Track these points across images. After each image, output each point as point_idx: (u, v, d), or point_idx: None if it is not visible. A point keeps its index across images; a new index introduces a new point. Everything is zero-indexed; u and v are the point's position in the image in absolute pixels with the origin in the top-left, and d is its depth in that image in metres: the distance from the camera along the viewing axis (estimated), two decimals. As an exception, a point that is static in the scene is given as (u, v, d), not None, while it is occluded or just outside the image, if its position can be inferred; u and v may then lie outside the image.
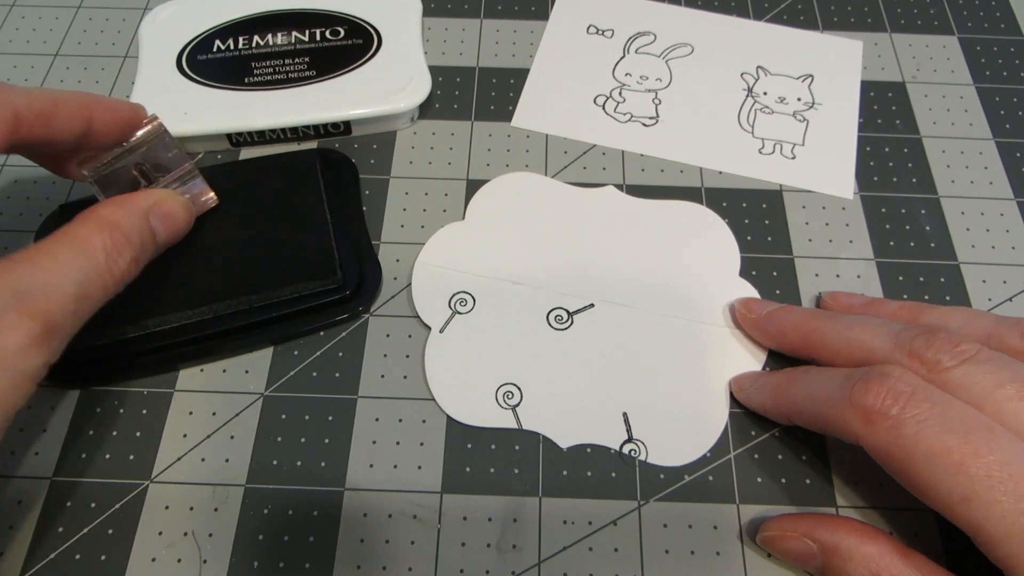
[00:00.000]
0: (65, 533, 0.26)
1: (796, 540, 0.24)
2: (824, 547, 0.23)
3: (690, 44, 0.38)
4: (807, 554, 0.24)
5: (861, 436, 0.22)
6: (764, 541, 0.25)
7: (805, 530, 0.24)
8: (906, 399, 0.21)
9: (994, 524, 0.20)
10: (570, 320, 0.30)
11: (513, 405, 0.28)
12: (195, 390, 0.28)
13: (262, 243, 0.29)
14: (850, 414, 0.22)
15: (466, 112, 0.36)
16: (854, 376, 0.23)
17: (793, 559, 0.24)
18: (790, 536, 0.24)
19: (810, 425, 0.25)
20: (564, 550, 0.26)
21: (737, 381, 0.28)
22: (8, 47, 0.38)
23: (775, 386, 0.26)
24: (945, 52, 0.38)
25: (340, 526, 0.26)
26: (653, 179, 0.34)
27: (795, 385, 0.25)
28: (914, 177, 0.34)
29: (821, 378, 0.24)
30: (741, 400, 0.28)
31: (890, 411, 0.21)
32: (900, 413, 0.21)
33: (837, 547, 0.23)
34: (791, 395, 0.25)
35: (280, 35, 0.36)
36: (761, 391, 0.27)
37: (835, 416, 0.23)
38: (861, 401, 0.22)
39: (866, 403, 0.22)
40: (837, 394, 0.23)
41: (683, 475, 0.27)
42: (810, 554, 0.24)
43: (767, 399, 0.27)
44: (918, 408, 0.21)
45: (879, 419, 0.21)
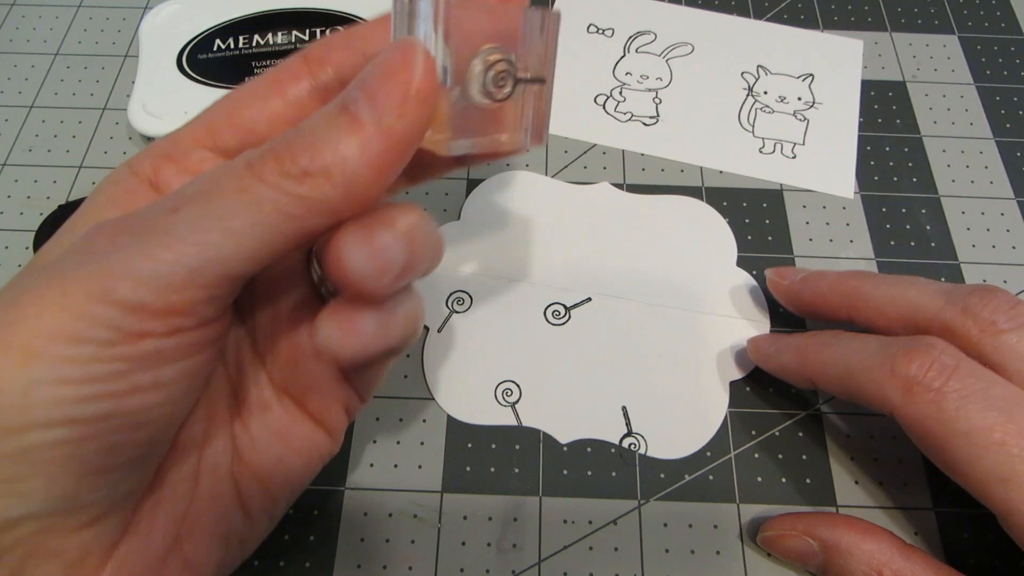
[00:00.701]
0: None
1: (796, 539, 0.24)
2: (824, 545, 0.23)
3: (690, 43, 0.38)
4: (808, 553, 0.24)
5: (898, 407, 0.21)
6: (764, 541, 0.25)
7: (805, 528, 0.24)
8: (950, 372, 0.21)
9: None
10: (567, 315, 0.30)
11: (512, 402, 0.28)
12: (195, 389, 0.28)
13: None
14: (889, 382, 0.21)
15: (466, 111, 0.36)
16: (895, 344, 0.22)
17: (794, 558, 0.24)
18: (790, 535, 0.24)
19: (836, 390, 0.24)
20: (564, 549, 0.26)
21: (755, 341, 0.27)
22: (8, 46, 0.38)
23: (800, 347, 0.25)
24: (945, 51, 0.38)
25: (340, 525, 0.26)
26: (653, 178, 0.34)
27: (825, 348, 0.24)
28: (914, 176, 0.34)
29: (856, 343, 0.23)
30: (758, 360, 0.27)
31: (933, 383, 0.20)
32: (943, 386, 0.20)
33: (837, 544, 0.23)
34: (820, 358, 0.24)
35: (280, 34, 0.36)
36: (783, 351, 0.26)
37: (871, 383, 0.22)
38: (904, 370, 0.21)
39: (908, 372, 0.21)
40: (876, 360, 0.22)
41: (683, 474, 0.27)
42: (811, 552, 0.23)
43: (790, 360, 0.25)
44: (962, 383, 0.20)
45: (921, 390, 0.21)
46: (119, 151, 0.34)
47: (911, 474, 0.27)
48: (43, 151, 0.34)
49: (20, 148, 0.34)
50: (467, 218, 0.32)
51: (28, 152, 0.34)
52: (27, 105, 0.36)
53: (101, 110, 0.36)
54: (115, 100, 0.36)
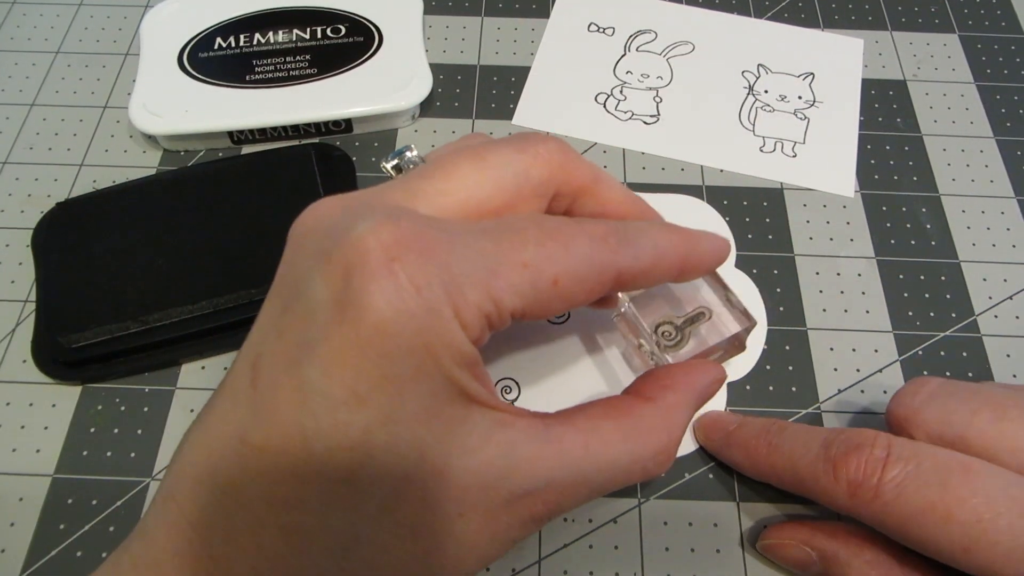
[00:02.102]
0: (66, 530, 0.26)
1: (795, 548, 0.24)
2: (823, 555, 0.23)
3: (691, 42, 0.38)
4: (807, 562, 0.24)
5: (850, 509, 0.22)
6: (764, 549, 0.25)
7: (804, 538, 0.24)
8: (882, 464, 0.21)
9: (1002, 565, 0.19)
10: (567, 313, 0.30)
11: (511, 400, 0.28)
12: (196, 387, 0.28)
13: (261, 237, 0.30)
14: (835, 489, 0.22)
15: (467, 110, 0.36)
16: (834, 446, 0.22)
17: (793, 566, 0.24)
18: (788, 544, 0.24)
19: (791, 490, 0.24)
20: (564, 548, 0.26)
21: (704, 429, 0.27)
22: (9, 44, 0.38)
23: (749, 448, 0.25)
24: (946, 50, 0.38)
25: (341, 523, 0.26)
26: (654, 177, 0.34)
27: (772, 452, 0.24)
28: (915, 175, 0.34)
29: (799, 445, 0.24)
30: (709, 450, 0.27)
31: (871, 481, 0.21)
32: (880, 480, 0.21)
33: (836, 554, 0.23)
34: (769, 462, 0.24)
35: (281, 33, 0.36)
36: (733, 449, 0.26)
37: (819, 492, 0.22)
38: (844, 475, 0.22)
39: (848, 476, 0.21)
40: (819, 467, 0.22)
41: (683, 473, 0.27)
42: (809, 561, 0.23)
43: (741, 459, 0.25)
44: (895, 470, 0.21)
45: (863, 492, 0.21)
46: (120, 149, 0.34)
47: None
48: (44, 149, 0.34)
49: (21, 146, 0.34)
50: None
51: (29, 150, 0.34)
52: (28, 103, 0.36)
53: (102, 108, 0.36)
54: (116, 98, 0.36)
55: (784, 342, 0.30)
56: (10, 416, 0.28)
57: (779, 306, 0.30)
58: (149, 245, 0.29)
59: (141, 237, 0.29)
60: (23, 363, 0.29)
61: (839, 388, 0.29)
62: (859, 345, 0.30)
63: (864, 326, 0.30)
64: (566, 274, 0.18)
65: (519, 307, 0.18)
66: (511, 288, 0.17)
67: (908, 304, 0.31)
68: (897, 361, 0.29)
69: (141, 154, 0.34)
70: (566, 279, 0.18)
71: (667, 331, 0.26)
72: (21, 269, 0.31)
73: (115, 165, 0.34)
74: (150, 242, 0.29)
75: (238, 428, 0.17)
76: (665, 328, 0.26)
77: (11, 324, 0.30)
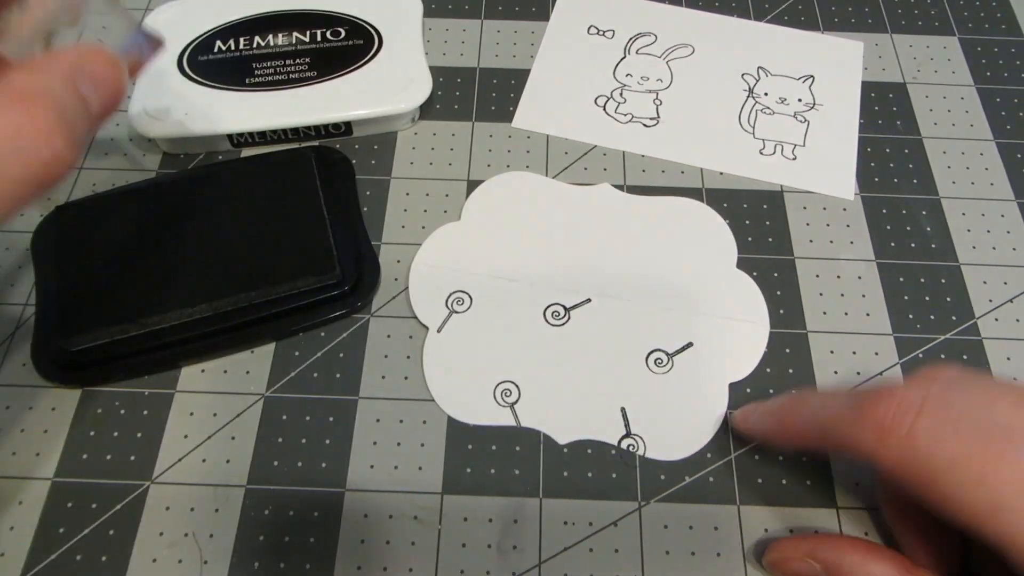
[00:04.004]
0: (66, 534, 0.26)
1: (799, 562, 0.24)
2: (828, 567, 0.23)
3: (691, 45, 0.38)
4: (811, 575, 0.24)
5: (873, 453, 0.21)
6: (769, 564, 0.25)
7: (808, 551, 0.24)
8: (918, 409, 0.20)
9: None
10: (567, 316, 0.30)
11: (511, 403, 0.28)
12: (196, 391, 0.28)
13: (260, 240, 0.30)
14: (861, 431, 0.21)
15: (467, 113, 0.36)
16: (863, 395, 0.22)
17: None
18: (793, 558, 0.24)
19: (819, 445, 0.24)
20: (565, 551, 0.26)
21: (740, 414, 0.27)
22: (9, 48, 0.38)
23: (776, 411, 0.25)
24: (946, 53, 0.38)
25: (341, 527, 0.26)
26: (654, 180, 0.34)
27: (798, 408, 0.24)
28: (915, 178, 0.34)
29: (826, 399, 0.24)
30: (743, 431, 0.27)
31: (903, 425, 0.20)
32: (913, 425, 0.20)
33: (840, 566, 0.23)
34: (795, 418, 0.24)
35: (281, 36, 0.36)
36: (762, 418, 0.26)
37: (845, 436, 0.22)
38: (872, 417, 0.21)
39: (877, 418, 0.20)
40: (847, 413, 0.22)
41: (684, 476, 0.27)
42: (814, 574, 0.23)
43: (770, 426, 0.26)
44: (931, 418, 0.20)
45: (892, 433, 0.20)
46: (120, 152, 0.34)
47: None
48: (44, 152, 0.34)
49: (21, 149, 0.34)
50: (467, 218, 0.32)
51: (29, 153, 0.34)
52: (28, 106, 0.36)
53: (102, 111, 0.36)
54: (116, 101, 0.36)
55: (784, 345, 0.30)
56: (10, 419, 0.28)
57: (779, 309, 0.30)
58: (149, 248, 0.29)
59: (141, 240, 0.29)
60: (23, 366, 0.29)
61: (839, 391, 0.29)
62: (859, 348, 0.30)
63: (864, 329, 0.30)
64: None
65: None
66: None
67: (908, 307, 0.30)
68: (897, 364, 0.29)
69: (141, 157, 0.34)
70: None
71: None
72: (21, 272, 0.31)
73: (115, 168, 0.34)
74: (150, 245, 0.29)
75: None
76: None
77: (11, 327, 0.29)
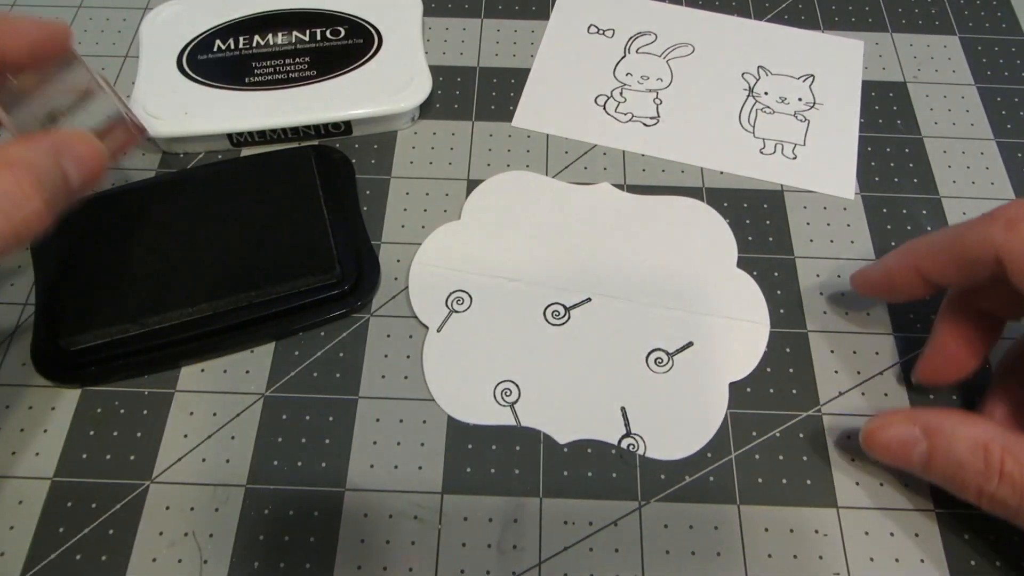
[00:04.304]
0: (66, 533, 0.26)
1: (899, 425, 0.24)
2: (927, 429, 0.24)
3: (691, 44, 0.38)
4: (910, 441, 0.24)
5: (1002, 244, 0.22)
6: (868, 435, 0.25)
7: (905, 416, 0.24)
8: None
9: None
10: (567, 315, 0.30)
11: (511, 402, 0.28)
12: (196, 390, 0.28)
13: (260, 239, 0.29)
14: (991, 227, 0.23)
15: (467, 112, 0.36)
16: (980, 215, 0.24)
17: (897, 449, 0.24)
18: (893, 422, 0.24)
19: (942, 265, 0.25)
20: (565, 550, 0.26)
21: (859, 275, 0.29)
22: (8, 47, 0.38)
23: (900, 247, 0.27)
24: (946, 52, 0.38)
25: (341, 526, 0.26)
26: (654, 179, 0.34)
27: (926, 235, 0.26)
28: (915, 177, 0.34)
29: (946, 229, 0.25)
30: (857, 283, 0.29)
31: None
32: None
33: (941, 426, 0.23)
34: (923, 241, 0.26)
35: (280, 35, 0.36)
36: (885, 260, 0.27)
37: (974, 234, 0.23)
38: (1003, 213, 0.23)
39: (1008, 213, 0.23)
40: (976, 219, 0.23)
41: (684, 476, 0.27)
42: (913, 440, 0.24)
43: (894, 261, 0.27)
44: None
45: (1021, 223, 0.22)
46: (119, 152, 0.34)
47: (912, 475, 0.27)
48: (43, 152, 0.34)
49: (20, 149, 0.34)
50: (467, 218, 0.32)
51: (28, 153, 0.34)
52: (27, 106, 0.36)
53: (101, 111, 0.36)
54: (115, 101, 0.36)
55: (784, 344, 0.30)
56: (9, 419, 0.28)
57: (779, 308, 0.30)
58: (148, 248, 0.29)
59: (140, 240, 0.29)
60: (22, 366, 0.28)
61: (840, 391, 0.29)
62: (860, 347, 0.30)
63: (865, 328, 0.30)
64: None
65: None
66: None
67: (909, 306, 0.30)
68: (898, 363, 0.29)
69: (140, 156, 0.34)
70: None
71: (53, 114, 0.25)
72: (20, 272, 0.31)
73: (114, 167, 0.34)
74: (149, 245, 0.29)
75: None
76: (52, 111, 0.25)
77: (11, 327, 0.29)
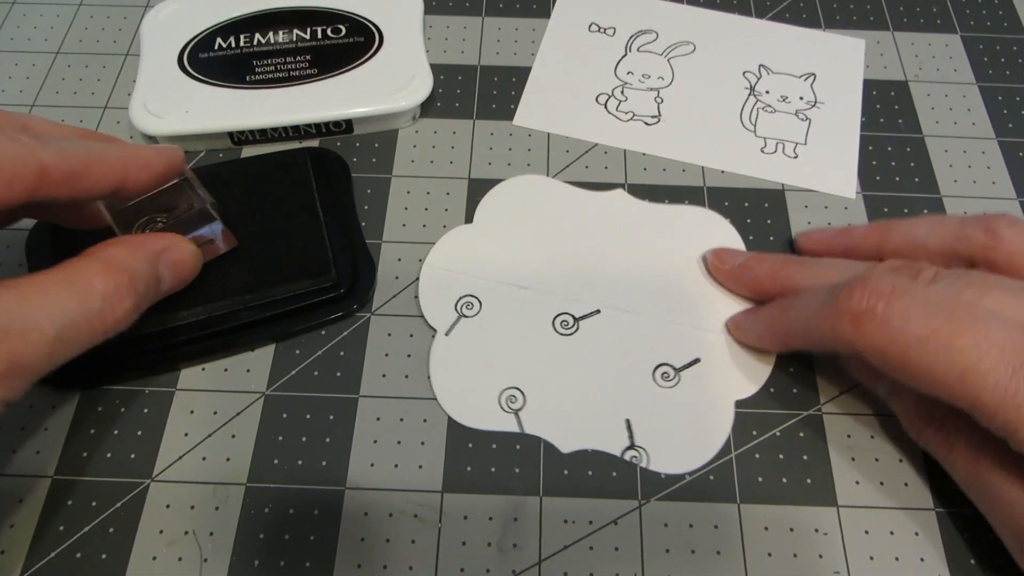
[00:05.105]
0: (66, 532, 0.26)
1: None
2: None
3: (692, 42, 0.38)
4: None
5: (854, 341, 0.23)
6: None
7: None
8: (888, 295, 0.22)
9: (990, 394, 0.20)
10: (576, 326, 0.29)
11: (516, 409, 0.28)
12: (196, 389, 0.28)
13: (257, 242, 0.29)
14: (840, 322, 0.23)
15: (468, 111, 0.36)
16: (838, 287, 0.23)
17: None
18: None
19: (806, 344, 0.26)
20: (565, 549, 0.26)
21: (733, 320, 0.29)
22: (9, 45, 0.38)
23: (769, 316, 0.28)
24: (948, 51, 0.38)
25: (341, 525, 0.26)
26: (655, 178, 0.34)
27: (788, 310, 0.27)
28: (917, 176, 0.34)
29: (809, 297, 0.25)
30: (739, 338, 0.29)
31: (876, 310, 0.22)
32: (886, 309, 0.22)
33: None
34: (786, 320, 0.27)
35: (281, 33, 0.36)
36: (757, 323, 0.28)
37: (827, 328, 0.23)
38: (847, 307, 0.23)
39: (851, 308, 0.22)
40: (826, 308, 0.24)
41: (684, 475, 0.27)
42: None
43: (764, 329, 0.28)
44: (901, 300, 0.22)
45: (867, 320, 0.22)
46: (120, 150, 0.34)
47: (912, 474, 0.27)
48: (44, 150, 0.34)
49: (21, 147, 0.34)
50: (480, 221, 0.32)
51: (29, 151, 0.34)
52: (28, 104, 0.36)
53: (102, 109, 0.36)
54: (116, 99, 0.36)
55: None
56: (10, 418, 0.28)
57: (780, 307, 0.30)
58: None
59: (141, 238, 0.29)
60: (23, 364, 0.28)
61: (840, 390, 0.29)
62: (860, 347, 0.30)
63: (865, 327, 0.30)
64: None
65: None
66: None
67: (909, 305, 0.30)
68: (898, 363, 0.29)
69: (141, 155, 0.34)
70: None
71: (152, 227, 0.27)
72: (20, 272, 0.31)
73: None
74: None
75: None
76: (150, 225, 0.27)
77: (11, 325, 0.29)
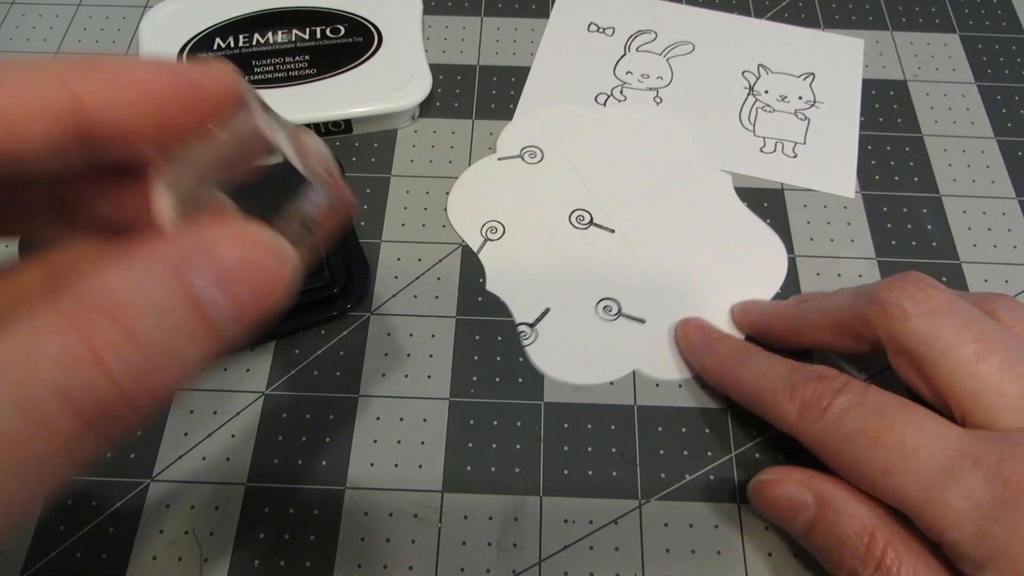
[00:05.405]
0: (66, 531, 0.26)
1: (792, 486, 0.24)
2: (819, 497, 0.23)
3: (691, 42, 0.38)
4: (800, 504, 0.23)
5: (794, 425, 0.24)
6: (758, 487, 0.25)
7: (801, 478, 0.24)
8: (836, 392, 0.23)
9: (914, 493, 0.21)
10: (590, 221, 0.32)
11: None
12: (196, 389, 0.28)
13: None
14: (787, 406, 0.24)
15: (467, 111, 0.36)
16: (797, 372, 0.25)
17: (783, 508, 0.24)
18: (786, 481, 0.24)
19: (742, 402, 0.26)
20: (565, 549, 0.26)
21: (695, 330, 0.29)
22: (8, 45, 0.38)
23: (724, 358, 0.27)
24: (946, 50, 0.38)
25: (341, 525, 0.26)
26: (654, 178, 0.34)
27: (743, 367, 0.26)
28: (916, 176, 0.34)
29: (767, 366, 0.26)
30: (685, 348, 0.29)
31: (821, 403, 0.23)
32: (829, 404, 0.23)
33: (833, 499, 0.23)
34: (737, 375, 0.26)
35: (280, 33, 0.36)
36: (709, 355, 0.28)
37: (773, 404, 0.24)
38: (800, 395, 0.24)
39: (804, 397, 0.24)
40: (780, 387, 0.24)
41: (684, 474, 0.27)
42: (803, 505, 0.23)
43: (714, 366, 0.28)
44: (844, 398, 0.23)
45: (811, 411, 0.23)
46: (119, 150, 0.34)
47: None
48: (43, 150, 0.34)
49: (20, 147, 0.34)
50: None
51: (28, 151, 0.34)
52: (27, 104, 0.36)
53: (101, 109, 0.36)
54: (115, 99, 0.36)
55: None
56: (9, 417, 0.28)
57: (780, 307, 0.30)
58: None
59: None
60: (22, 364, 0.28)
61: (840, 389, 0.29)
62: (860, 346, 0.30)
63: (865, 327, 0.30)
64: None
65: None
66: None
67: (909, 305, 0.30)
68: (898, 362, 0.29)
69: (140, 155, 0.34)
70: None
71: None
72: (20, 270, 0.31)
73: (114, 166, 0.34)
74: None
75: None
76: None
77: (10, 325, 0.29)
